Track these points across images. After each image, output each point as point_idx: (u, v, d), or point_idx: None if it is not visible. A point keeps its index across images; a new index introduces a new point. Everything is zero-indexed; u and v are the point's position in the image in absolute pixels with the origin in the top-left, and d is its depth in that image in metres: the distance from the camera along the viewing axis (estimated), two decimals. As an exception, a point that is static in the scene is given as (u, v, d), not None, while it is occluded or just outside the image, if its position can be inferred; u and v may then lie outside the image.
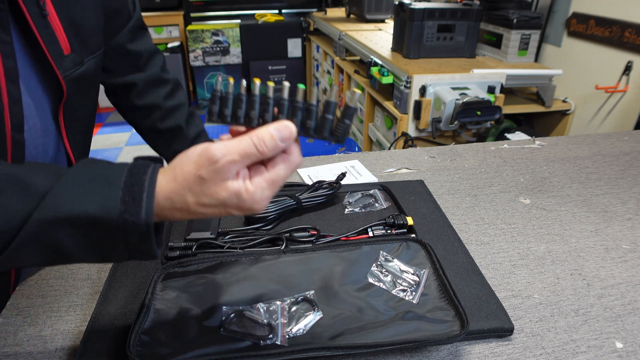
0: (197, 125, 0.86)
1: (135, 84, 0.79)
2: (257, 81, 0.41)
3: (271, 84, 0.40)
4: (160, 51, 0.84)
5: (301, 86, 0.40)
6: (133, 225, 0.37)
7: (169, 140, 0.84)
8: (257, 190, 0.39)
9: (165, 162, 0.44)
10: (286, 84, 0.39)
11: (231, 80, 0.42)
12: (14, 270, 0.64)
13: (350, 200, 0.78)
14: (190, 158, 0.39)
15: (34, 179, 0.38)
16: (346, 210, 0.76)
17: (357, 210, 0.76)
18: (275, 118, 0.41)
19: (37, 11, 0.53)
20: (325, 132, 0.41)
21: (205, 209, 0.40)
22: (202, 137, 0.86)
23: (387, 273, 0.60)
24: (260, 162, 0.41)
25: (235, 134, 0.43)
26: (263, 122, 0.41)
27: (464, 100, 1.71)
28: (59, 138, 0.65)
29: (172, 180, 0.39)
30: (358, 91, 0.38)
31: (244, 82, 0.42)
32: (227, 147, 0.38)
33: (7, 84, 0.51)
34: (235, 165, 0.38)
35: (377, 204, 0.77)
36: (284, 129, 0.39)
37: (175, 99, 0.84)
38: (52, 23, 0.56)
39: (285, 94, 0.40)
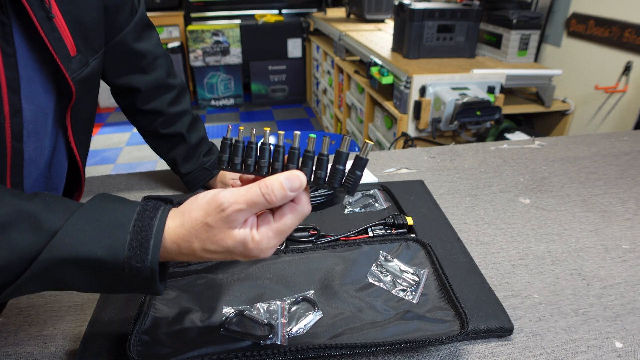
0: (199, 132, 0.85)
1: (138, 88, 0.78)
2: (267, 129, 0.41)
3: (281, 133, 0.40)
4: (167, 54, 0.83)
5: (312, 135, 0.40)
6: (138, 270, 0.38)
7: (170, 146, 0.84)
8: (264, 239, 0.39)
9: (174, 201, 0.44)
10: (297, 132, 0.39)
11: (241, 129, 0.42)
12: None
13: (350, 200, 0.78)
14: (199, 204, 0.40)
15: (46, 215, 0.38)
16: (346, 210, 0.76)
17: (357, 210, 0.76)
18: (285, 167, 0.40)
19: (43, 15, 0.53)
20: (335, 182, 0.40)
21: (211, 254, 0.40)
22: (203, 144, 0.85)
23: (387, 273, 0.60)
24: (269, 210, 0.41)
25: (245, 182, 0.44)
26: (273, 170, 0.41)
27: (464, 101, 1.72)
28: (61, 139, 0.65)
29: (180, 226, 0.40)
30: (370, 142, 0.38)
31: (254, 130, 0.42)
32: (235, 195, 0.38)
33: (9, 96, 0.51)
34: (242, 214, 0.38)
35: (377, 204, 0.77)
36: (295, 178, 0.39)
37: (179, 106, 0.83)
38: (58, 25, 0.56)
39: (297, 143, 0.40)
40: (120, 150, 3.33)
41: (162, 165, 3.11)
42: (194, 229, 0.39)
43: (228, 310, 0.54)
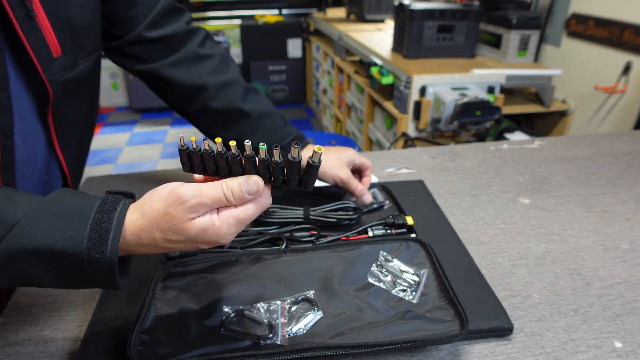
0: (261, 103, 0.73)
1: (170, 78, 0.71)
2: (218, 140, 0.43)
3: (232, 143, 0.42)
4: (198, 28, 0.75)
5: (262, 147, 0.42)
6: (97, 261, 0.39)
7: (225, 122, 0.73)
8: (224, 225, 0.41)
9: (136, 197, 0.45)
10: (247, 143, 0.42)
11: (192, 139, 0.45)
12: None
13: (351, 199, 0.78)
14: (160, 196, 0.41)
15: (7, 208, 0.39)
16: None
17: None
18: (244, 172, 0.43)
19: (23, 13, 0.51)
20: (292, 184, 0.43)
21: (173, 244, 0.41)
22: (267, 118, 0.73)
23: (387, 273, 0.60)
24: None
25: (206, 179, 0.46)
26: (232, 174, 0.44)
27: (464, 101, 1.72)
28: (49, 140, 0.63)
29: (140, 217, 0.41)
30: (320, 150, 0.41)
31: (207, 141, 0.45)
32: (198, 189, 0.41)
33: None
34: (204, 207, 0.41)
35: (376, 204, 0.77)
36: (253, 183, 0.42)
37: (223, 75, 0.73)
38: (41, 24, 0.54)
39: (249, 151, 0.42)
40: (120, 150, 3.33)
41: (162, 165, 3.11)
42: (155, 219, 0.40)
43: (228, 310, 0.54)
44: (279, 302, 0.55)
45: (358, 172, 0.78)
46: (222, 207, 0.42)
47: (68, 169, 0.67)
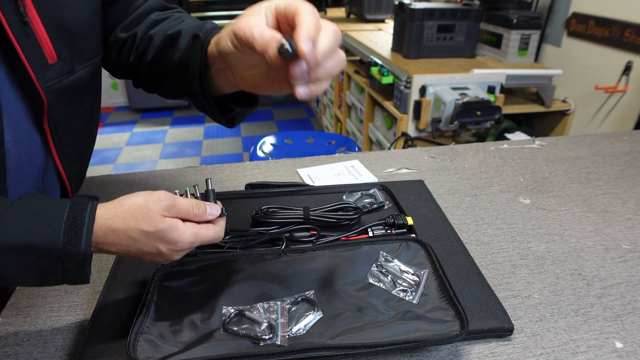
0: (189, 22, 0.63)
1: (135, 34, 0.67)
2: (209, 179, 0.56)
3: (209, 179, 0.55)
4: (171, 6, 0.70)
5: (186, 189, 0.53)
6: (73, 254, 0.43)
7: (163, 57, 0.63)
8: (186, 232, 0.48)
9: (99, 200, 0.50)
10: (209, 179, 0.55)
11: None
12: None
13: (350, 200, 0.78)
14: (141, 194, 0.48)
15: None
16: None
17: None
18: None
19: (16, 19, 0.50)
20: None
21: (140, 236, 0.46)
22: (194, 28, 0.60)
23: (387, 273, 0.60)
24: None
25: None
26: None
27: (464, 101, 1.72)
28: (46, 148, 0.62)
29: (118, 206, 0.47)
30: (209, 180, 0.55)
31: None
32: (173, 197, 0.49)
33: None
34: (175, 211, 0.48)
35: (376, 205, 0.77)
36: (215, 207, 0.52)
37: (166, 25, 0.66)
38: (35, 30, 0.53)
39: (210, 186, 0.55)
40: (120, 150, 3.33)
41: (161, 165, 3.11)
42: (132, 209, 0.46)
43: (228, 310, 0.54)
44: (278, 302, 0.55)
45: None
46: (186, 219, 0.49)
47: (67, 176, 0.66)
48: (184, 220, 0.49)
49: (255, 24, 0.44)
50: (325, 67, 0.44)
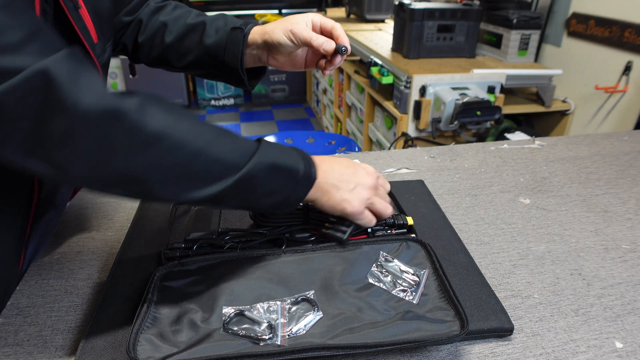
0: (209, 15, 0.76)
1: (140, 19, 0.76)
2: None
3: None
4: None
5: None
6: (307, 175, 0.58)
7: (184, 43, 0.75)
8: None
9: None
10: None
11: None
12: (20, 267, 0.65)
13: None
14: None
15: (242, 139, 0.54)
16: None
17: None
18: None
19: (71, 5, 0.56)
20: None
21: (346, 168, 0.63)
22: (219, 18, 0.75)
23: (387, 273, 0.60)
24: None
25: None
26: None
27: (464, 101, 1.72)
28: None
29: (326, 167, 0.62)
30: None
31: None
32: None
33: None
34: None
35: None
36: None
37: (178, 11, 0.78)
38: (83, 15, 0.59)
39: None
40: (120, 150, 3.33)
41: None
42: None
43: (228, 310, 0.54)
44: (278, 303, 0.55)
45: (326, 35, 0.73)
46: None
47: None
48: None
49: (305, 29, 0.70)
50: None
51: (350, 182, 0.62)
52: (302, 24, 0.69)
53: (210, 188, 0.50)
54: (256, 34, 0.72)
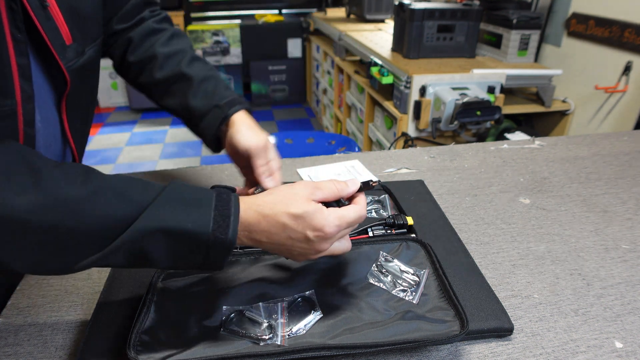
0: (206, 69, 0.73)
1: (130, 38, 0.74)
2: None
3: None
4: (160, 12, 0.78)
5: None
6: (221, 241, 0.45)
7: (169, 88, 0.73)
8: (330, 216, 0.48)
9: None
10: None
11: None
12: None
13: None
14: (283, 186, 0.51)
15: (132, 191, 0.45)
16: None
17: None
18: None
19: (37, 3, 0.53)
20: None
21: (288, 220, 0.47)
22: (209, 80, 0.72)
23: (387, 273, 0.60)
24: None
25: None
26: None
27: (464, 101, 1.72)
28: (62, 127, 0.65)
29: (268, 194, 0.50)
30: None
31: None
32: (314, 182, 0.52)
33: (20, 82, 0.51)
34: (319, 192, 0.50)
35: (381, 210, 0.76)
36: (353, 182, 0.54)
37: (173, 46, 0.74)
38: (53, 14, 0.56)
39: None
40: (120, 150, 3.33)
41: (162, 165, 3.11)
42: (280, 195, 0.49)
43: (228, 310, 0.54)
44: (278, 303, 0.55)
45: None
46: (330, 200, 0.51)
47: (78, 155, 0.70)
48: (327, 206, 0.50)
49: (262, 149, 0.67)
50: None
51: (285, 252, 0.51)
52: (260, 156, 0.65)
53: (86, 260, 0.43)
54: (234, 120, 0.68)
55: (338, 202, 0.53)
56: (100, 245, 0.43)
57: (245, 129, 0.67)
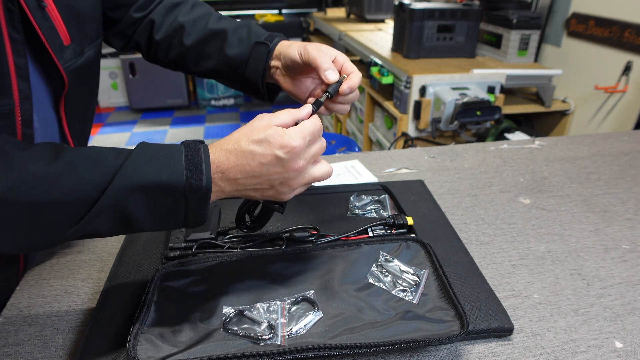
0: (234, 22, 0.74)
1: (152, 20, 0.75)
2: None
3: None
4: None
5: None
6: (196, 188, 0.45)
7: (205, 49, 0.73)
8: (293, 131, 0.49)
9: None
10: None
11: None
12: (21, 267, 0.65)
13: (357, 204, 0.78)
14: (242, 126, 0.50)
15: (102, 157, 0.45)
16: (349, 213, 0.76)
17: (360, 213, 0.75)
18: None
19: (34, 4, 0.53)
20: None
21: (254, 149, 0.47)
22: (241, 28, 0.72)
23: (387, 273, 0.60)
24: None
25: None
26: None
27: (464, 101, 1.72)
28: (60, 127, 0.65)
29: (224, 140, 0.49)
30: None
31: None
32: (270, 114, 0.51)
33: (18, 82, 0.52)
34: (277, 119, 0.50)
35: (381, 210, 0.76)
36: (306, 106, 0.57)
37: (196, 12, 0.75)
38: (51, 14, 0.56)
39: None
40: (120, 150, 3.33)
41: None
42: (239, 132, 0.49)
43: (228, 310, 0.54)
44: (278, 302, 0.55)
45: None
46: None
47: None
48: None
49: (320, 52, 0.64)
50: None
51: (266, 184, 0.50)
52: (322, 49, 0.64)
53: (70, 229, 0.44)
54: (278, 49, 0.68)
55: None
56: (81, 213, 0.43)
57: (296, 44, 0.66)
